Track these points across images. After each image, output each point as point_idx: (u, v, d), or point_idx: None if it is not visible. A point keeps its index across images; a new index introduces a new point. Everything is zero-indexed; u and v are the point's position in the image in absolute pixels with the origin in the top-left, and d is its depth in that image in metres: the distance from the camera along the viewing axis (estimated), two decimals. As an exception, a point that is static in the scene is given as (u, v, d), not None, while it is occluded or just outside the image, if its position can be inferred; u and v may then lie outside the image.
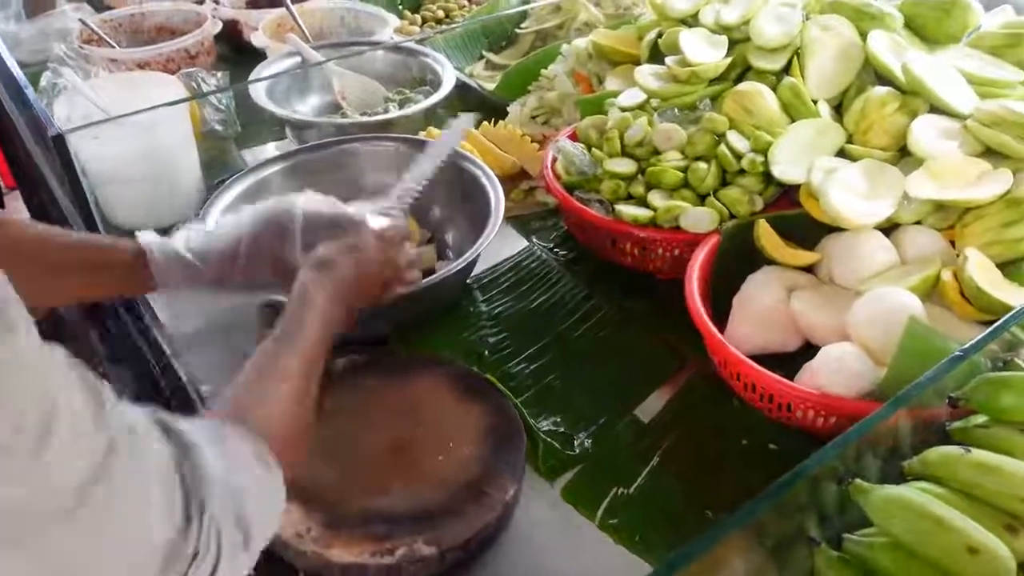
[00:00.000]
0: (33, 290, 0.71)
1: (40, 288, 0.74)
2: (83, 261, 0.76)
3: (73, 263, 0.76)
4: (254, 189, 1.05)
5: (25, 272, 0.70)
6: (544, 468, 0.81)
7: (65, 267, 0.76)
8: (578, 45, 1.31)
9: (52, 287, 0.76)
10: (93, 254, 0.77)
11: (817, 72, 1.04)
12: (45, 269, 0.74)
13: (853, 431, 0.56)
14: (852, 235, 0.87)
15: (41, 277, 0.74)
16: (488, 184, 1.03)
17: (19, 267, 0.69)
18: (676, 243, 0.96)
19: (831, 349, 0.77)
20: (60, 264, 0.75)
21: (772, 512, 0.54)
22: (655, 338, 0.96)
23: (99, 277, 0.78)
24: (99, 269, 0.77)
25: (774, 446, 0.83)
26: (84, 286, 0.80)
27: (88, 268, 0.77)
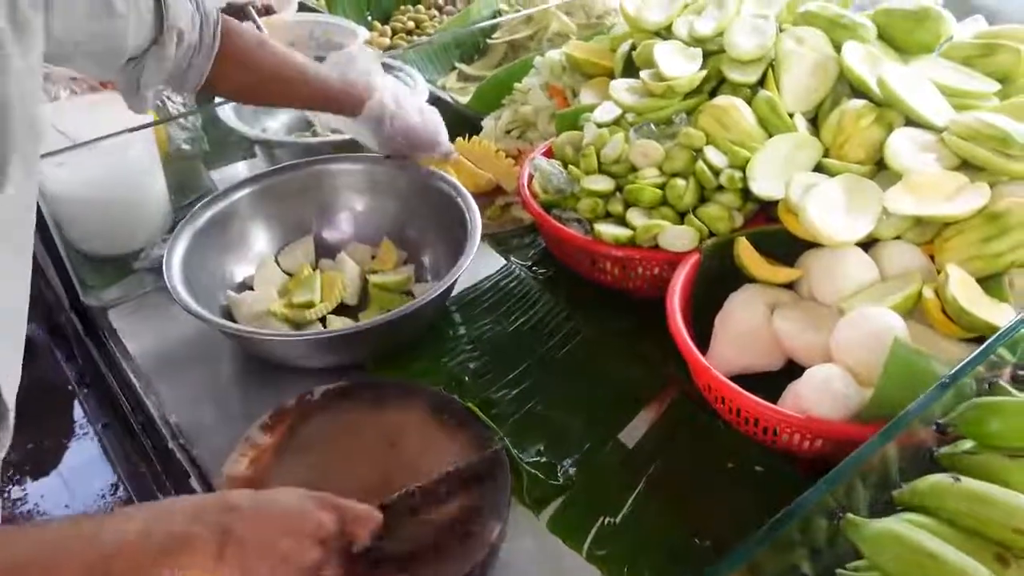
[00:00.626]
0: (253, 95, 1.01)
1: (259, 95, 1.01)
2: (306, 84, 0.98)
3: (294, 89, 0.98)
4: (223, 215, 1.03)
5: (251, 87, 0.97)
6: (529, 499, 0.80)
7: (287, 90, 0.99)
8: (552, 57, 1.30)
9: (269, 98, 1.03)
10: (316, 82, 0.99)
11: (793, 85, 1.03)
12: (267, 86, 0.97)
13: (848, 464, 0.55)
14: (832, 252, 0.86)
15: (263, 88, 0.98)
16: (463, 204, 1.01)
17: (261, 72, 0.95)
18: (656, 262, 0.95)
19: (816, 371, 0.76)
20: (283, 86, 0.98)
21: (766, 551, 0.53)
22: (637, 358, 0.95)
23: (324, 102, 1.02)
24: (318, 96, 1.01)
25: (760, 468, 0.82)
26: (298, 97, 1.01)
27: (320, 94, 1.00)
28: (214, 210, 1.02)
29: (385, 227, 1.09)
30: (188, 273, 0.94)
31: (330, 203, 1.09)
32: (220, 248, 1.02)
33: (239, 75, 0.95)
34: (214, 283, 1.00)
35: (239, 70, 0.94)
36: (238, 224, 1.04)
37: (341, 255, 1.05)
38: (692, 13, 1.16)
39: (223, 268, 1.02)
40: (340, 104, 1.01)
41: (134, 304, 1.07)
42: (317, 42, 1.59)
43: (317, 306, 0.97)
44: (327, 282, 1.01)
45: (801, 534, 0.59)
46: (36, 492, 1.96)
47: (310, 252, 1.08)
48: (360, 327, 0.86)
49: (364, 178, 1.09)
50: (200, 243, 0.99)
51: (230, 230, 1.03)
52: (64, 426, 2.13)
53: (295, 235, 1.08)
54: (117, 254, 1.13)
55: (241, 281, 1.05)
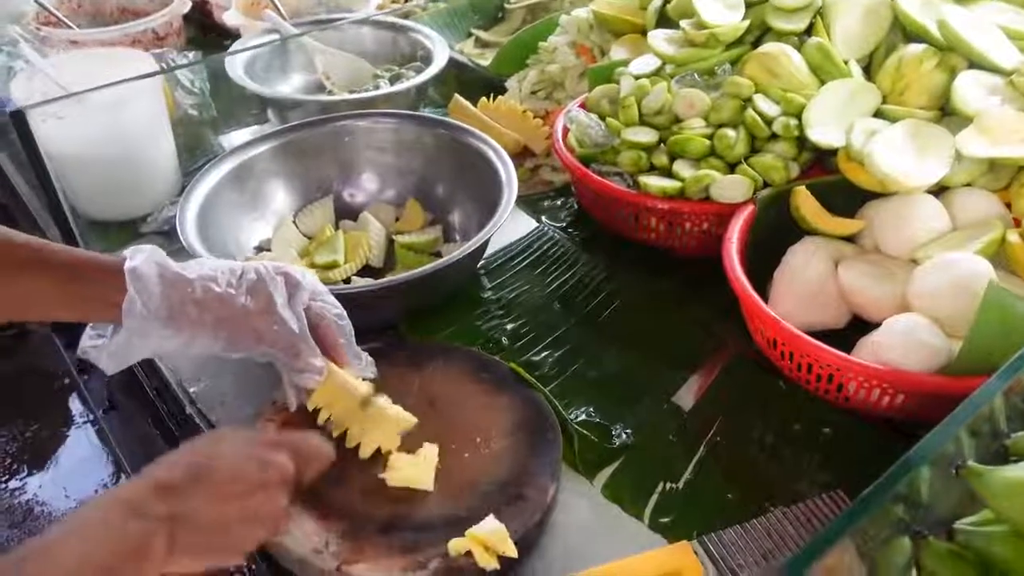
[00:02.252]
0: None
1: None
2: (57, 278, 0.63)
3: (44, 277, 0.62)
4: (237, 172, 0.96)
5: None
6: (581, 463, 0.73)
7: (30, 279, 0.62)
8: (578, 15, 1.23)
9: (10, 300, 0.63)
10: (68, 273, 0.63)
11: (844, 32, 0.97)
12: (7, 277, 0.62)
13: (963, 410, 0.49)
14: (902, 200, 0.80)
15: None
16: (497, 160, 0.94)
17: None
18: (705, 216, 0.89)
19: (897, 322, 0.70)
20: (25, 274, 0.62)
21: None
22: (685, 319, 0.89)
23: (71, 303, 0.64)
24: (74, 297, 0.63)
25: (828, 429, 0.76)
26: (52, 307, 0.64)
27: (63, 292, 0.63)
28: (228, 167, 0.95)
29: (411, 187, 1.02)
30: (203, 234, 0.88)
31: (352, 162, 1.02)
32: (235, 208, 0.95)
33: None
34: (229, 245, 0.93)
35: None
36: (254, 183, 0.97)
37: (364, 215, 0.99)
38: (731, -37, 1.10)
39: (239, 229, 0.95)
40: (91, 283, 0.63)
41: (142, 269, 1.00)
42: (326, 8, 1.53)
43: (341, 267, 0.90)
44: (351, 242, 0.94)
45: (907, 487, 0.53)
46: (34, 482, 1.89)
47: (330, 213, 1.01)
48: (391, 282, 0.80)
49: (389, 135, 1.02)
50: (214, 203, 0.92)
51: (246, 189, 0.96)
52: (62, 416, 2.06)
53: (314, 195, 1.02)
54: (123, 218, 1.06)
55: (257, 244, 0.98)
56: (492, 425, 0.72)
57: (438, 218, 1.02)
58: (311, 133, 1.01)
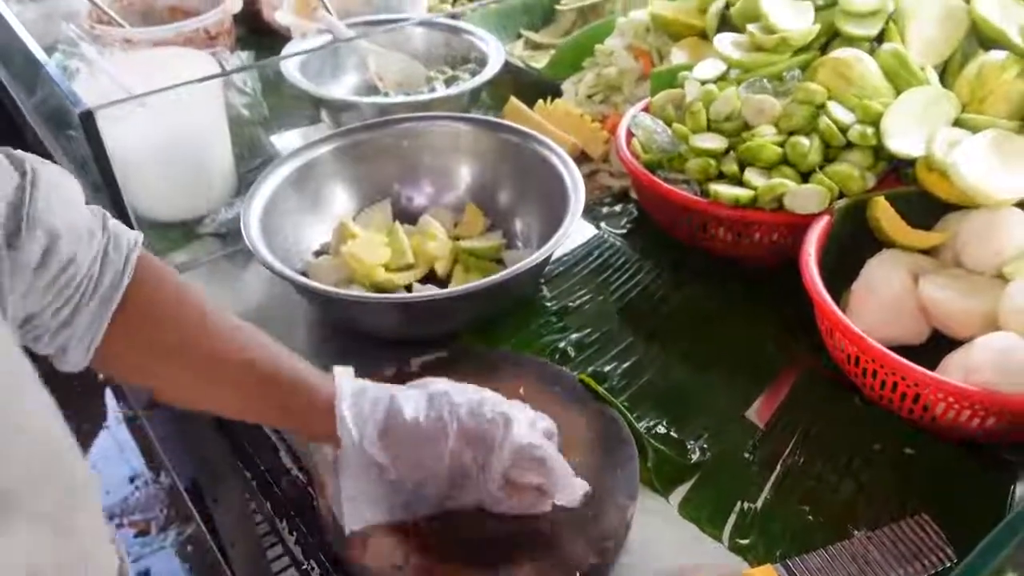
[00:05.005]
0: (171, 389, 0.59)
1: (178, 391, 0.60)
2: (258, 392, 0.60)
3: (241, 384, 0.59)
4: (299, 174, 0.95)
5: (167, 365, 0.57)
6: (658, 480, 0.72)
7: (226, 383, 0.59)
8: (635, 18, 1.21)
9: (199, 394, 0.60)
10: (273, 388, 0.60)
11: (919, 37, 0.94)
12: (197, 371, 0.58)
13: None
14: (989, 213, 0.78)
15: (187, 378, 0.58)
16: (562, 166, 0.93)
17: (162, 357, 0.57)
18: (776, 226, 0.87)
19: (991, 341, 0.68)
20: (221, 378, 0.59)
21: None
22: (755, 332, 0.87)
23: (267, 413, 0.61)
24: (273, 408, 0.60)
25: (910, 450, 0.73)
26: (240, 412, 0.62)
27: (260, 401, 0.60)
28: (290, 169, 0.94)
29: (470, 191, 1.01)
30: (266, 236, 0.87)
31: (412, 165, 1.01)
32: (296, 211, 0.94)
33: (155, 346, 0.58)
34: (290, 248, 0.92)
35: (156, 337, 0.58)
36: (314, 185, 0.96)
37: (425, 218, 0.97)
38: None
39: (299, 232, 0.94)
40: (303, 419, 0.61)
41: (200, 271, 1.00)
42: (376, 8, 1.52)
43: (410, 271, 0.89)
44: (416, 247, 0.93)
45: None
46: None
47: (388, 216, 1.00)
48: (468, 289, 0.78)
49: (450, 139, 1.01)
50: (276, 205, 0.91)
51: (307, 191, 0.95)
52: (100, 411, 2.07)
53: (372, 198, 1.01)
54: (181, 219, 1.05)
55: (318, 248, 0.97)
56: (567, 439, 0.70)
57: (496, 224, 1.00)
58: (372, 135, 1.00)
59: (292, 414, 0.60)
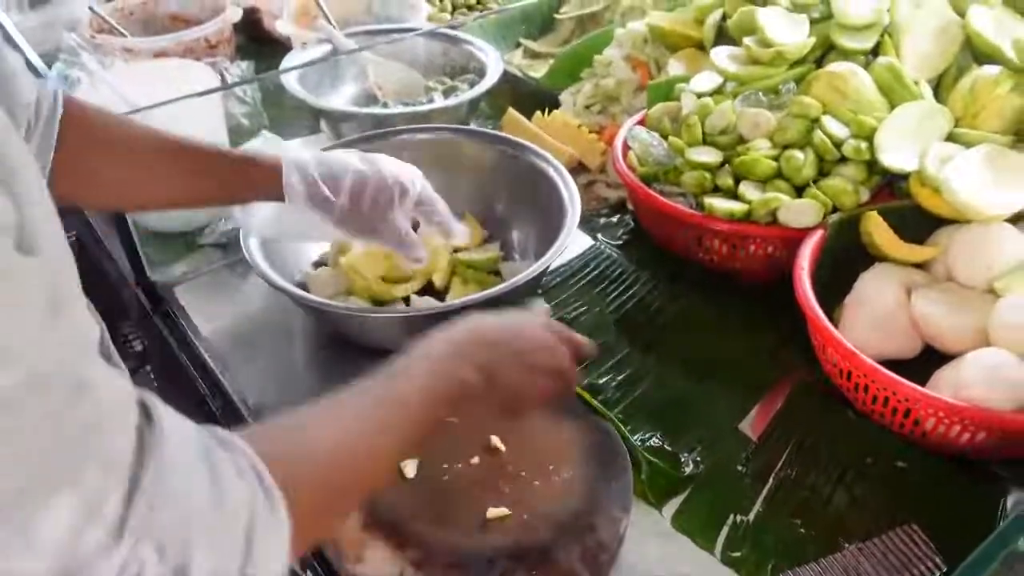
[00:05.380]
0: (123, 189, 0.72)
1: (130, 187, 0.72)
2: (186, 165, 0.73)
3: (173, 164, 0.72)
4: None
5: (114, 166, 0.69)
6: (651, 492, 0.72)
7: (163, 166, 0.72)
8: (633, 29, 1.22)
9: (145, 187, 0.74)
10: (196, 159, 0.73)
11: (914, 51, 0.95)
12: (138, 166, 0.71)
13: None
14: (980, 228, 0.78)
15: (133, 174, 0.71)
16: (558, 178, 0.94)
17: (108, 161, 0.69)
18: (771, 240, 0.88)
19: (981, 357, 0.68)
20: (157, 162, 0.72)
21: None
22: (750, 344, 0.87)
23: (202, 183, 0.74)
24: (202, 175, 0.74)
25: (902, 464, 0.74)
26: (184, 192, 0.76)
27: (190, 172, 0.73)
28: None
29: (468, 202, 1.02)
30: (266, 250, 0.88)
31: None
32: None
33: (98, 161, 0.68)
34: (289, 261, 0.93)
35: (98, 155, 0.68)
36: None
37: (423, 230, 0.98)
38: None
39: (298, 244, 0.95)
40: (251, 180, 0.76)
41: (201, 281, 1.00)
42: (376, 18, 1.53)
43: (408, 283, 0.90)
44: None
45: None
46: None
47: None
48: (466, 302, 0.79)
49: (448, 150, 1.01)
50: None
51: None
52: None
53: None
54: (181, 230, 1.06)
55: (316, 260, 0.98)
56: (561, 452, 0.71)
57: (494, 235, 1.01)
58: (370, 147, 1.00)
59: (236, 180, 0.76)
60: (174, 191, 0.75)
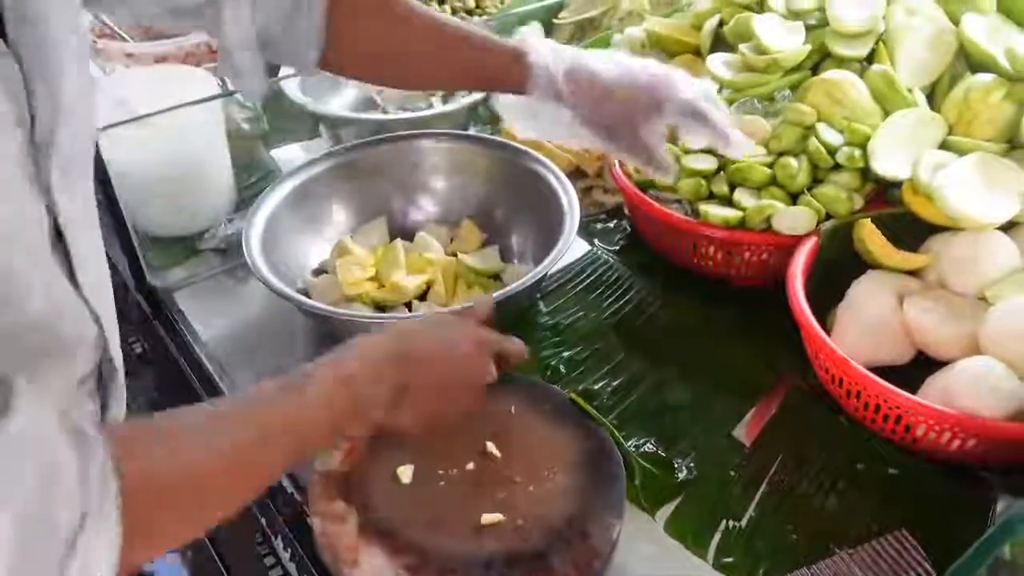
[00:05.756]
0: (413, 70, 0.78)
1: (418, 69, 0.78)
2: (465, 55, 0.77)
3: (455, 53, 0.76)
4: (297, 193, 0.96)
5: (410, 47, 0.75)
6: (644, 498, 0.73)
7: (447, 54, 0.76)
8: (631, 35, 1.23)
9: (431, 70, 0.79)
10: (475, 52, 0.76)
11: (908, 59, 0.96)
12: (428, 51, 0.75)
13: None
14: (971, 236, 0.79)
15: (424, 58, 0.76)
16: (558, 185, 0.94)
17: (407, 40, 0.74)
18: (765, 247, 0.88)
19: (970, 366, 0.69)
20: (442, 50, 0.76)
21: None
22: (745, 350, 0.88)
23: (473, 71, 0.78)
24: (476, 66, 0.77)
25: (894, 470, 0.75)
26: (457, 76, 0.82)
27: (466, 63, 0.77)
28: (289, 188, 0.96)
29: (467, 207, 1.03)
30: (267, 255, 0.88)
31: (410, 182, 1.03)
32: (296, 229, 0.96)
33: (372, 42, 0.73)
34: (291, 266, 0.94)
35: (372, 36, 0.73)
36: (313, 203, 0.98)
37: (422, 235, 0.99)
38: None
39: (299, 249, 0.96)
40: (503, 75, 0.77)
41: (200, 286, 1.01)
42: (375, 21, 1.53)
43: (411, 287, 0.91)
44: (414, 263, 0.94)
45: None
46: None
47: (384, 233, 1.02)
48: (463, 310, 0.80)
49: (448, 156, 1.02)
50: (276, 224, 0.93)
51: (305, 209, 0.97)
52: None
53: (371, 215, 1.02)
54: (180, 234, 1.07)
55: (317, 267, 0.98)
56: (556, 458, 0.72)
57: (492, 239, 1.02)
58: (369, 152, 1.02)
59: (486, 70, 0.77)
60: (429, 78, 0.83)
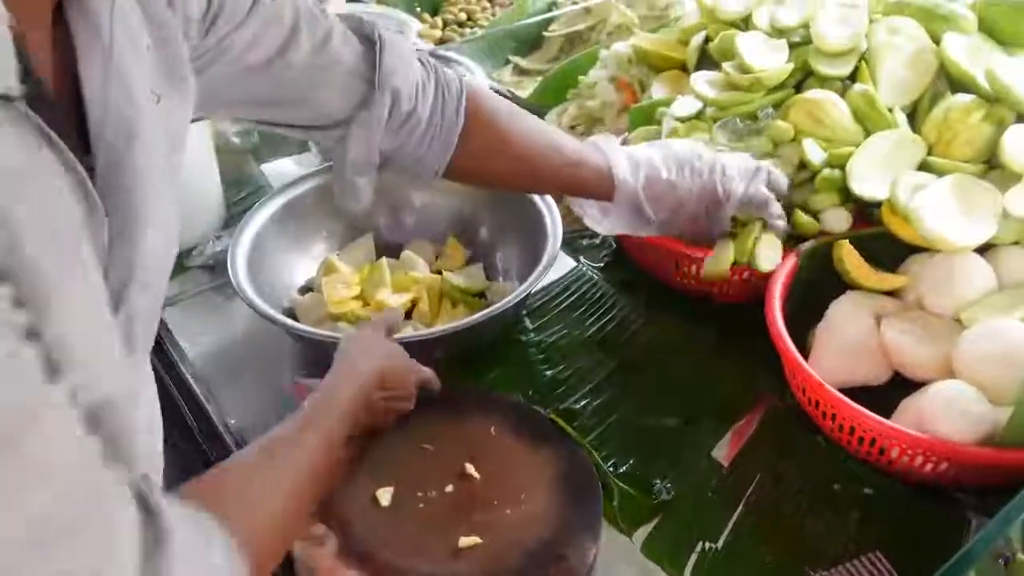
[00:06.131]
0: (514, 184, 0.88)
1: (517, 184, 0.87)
2: (564, 173, 0.82)
3: (553, 171, 0.82)
4: (283, 212, 0.97)
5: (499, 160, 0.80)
6: (621, 519, 0.74)
7: (546, 174, 0.82)
8: (618, 50, 1.24)
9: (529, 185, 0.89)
10: (572, 169, 0.82)
11: (889, 78, 0.97)
12: (528, 169, 0.82)
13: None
14: (947, 258, 0.80)
15: (524, 177, 0.83)
16: (542, 204, 0.95)
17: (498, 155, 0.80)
18: (746, 266, 0.89)
19: (942, 389, 0.70)
20: (541, 170, 0.82)
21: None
22: (726, 368, 0.89)
23: (569, 186, 0.85)
24: (573, 183, 0.84)
25: (869, 490, 0.75)
26: (551, 187, 0.90)
27: (565, 180, 0.83)
28: (274, 207, 0.97)
29: (451, 225, 1.04)
30: (252, 274, 0.90)
31: (394, 199, 1.04)
32: (281, 248, 0.97)
33: (487, 160, 0.80)
34: (277, 287, 0.95)
35: (487, 154, 0.79)
36: (298, 222, 0.99)
37: (407, 254, 1.00)
38: (773, 3, 1.10)
39: (285, 269, 0.97)
40: (592, 187, 0.84)
41: (189, 302, 1.02)
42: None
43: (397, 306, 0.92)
44: (399, 281, 0.95)
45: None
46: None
47: (371, 251, 1.02)
48: (447, 330, 0.81)
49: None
50: (262, 244, 0.94)
51: (291, 228, 0.98)
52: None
53: (357, 233, 1.03)
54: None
55: (304, 284, 0.99)
56: (535, 480, 0.73)
57: (476, 257, 1.03)
58: None
59: (583, 186, 0.84)
60: (528, 186, 0.91)
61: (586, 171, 0.82)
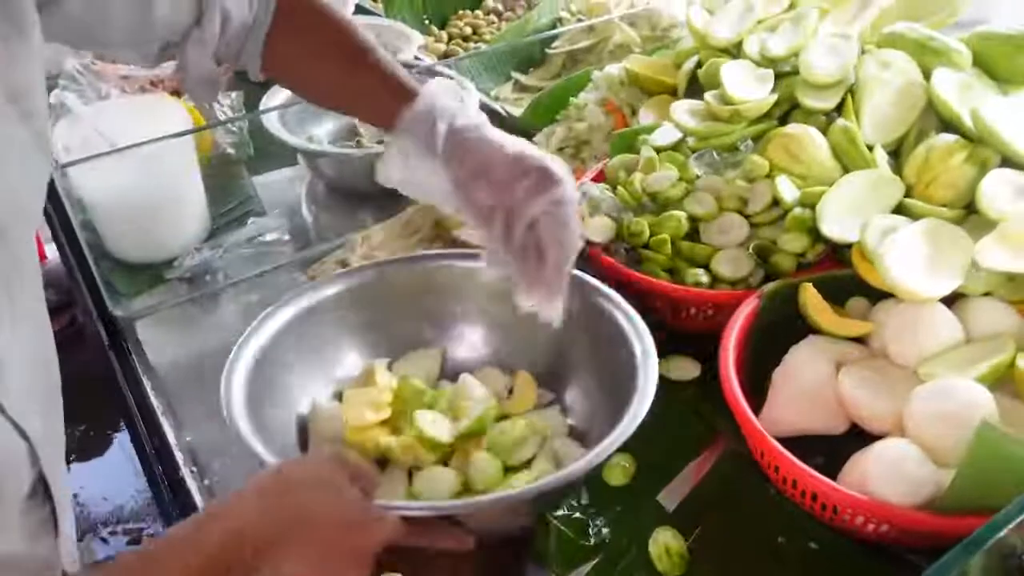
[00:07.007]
0: (311, 73, 0.79)
1: (316, 76, 0.79)
2: (364, 80, 0.76)
3: (356, 74, 0.77)
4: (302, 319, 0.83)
5: (319, 53, 0.77)
6: (557, 562, 0.73)
7: (350, 69, 0.77)
8: (610, 72, 1.22)
9: (326, 80, 0.80)
10: (375, 79, 0.76)
11: (874, 114, 0.94)
12: (332, 62, 0.77)
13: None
14: (913, 307, 0.76)
15: (327, 67, 0.78)
16: (632, 332, 0.78)
17: (318, 46, 0.77)
18: (707, 304, 0.87)
19: (887, 449, 0.67)
20: (346, 67, 0.77)
21: None
22: (685, 405, 0.87)
23: (361, 100, 0.79)
24: (367, 94, 0.77)
25: (815, 545, 0.73)
26: (343, 96, 0.81)
27: (360, 90, 0.78)
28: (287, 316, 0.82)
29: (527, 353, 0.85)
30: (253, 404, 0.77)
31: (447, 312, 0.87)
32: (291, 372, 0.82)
33: (294, 46, 0.77)
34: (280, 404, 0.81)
35: (294, 40, 0.77)
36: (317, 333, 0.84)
37: (467, 377, 0.82)
38: (766, 30, 1.08)
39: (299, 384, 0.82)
40: (384, 102, 0.74)
41: (166, 314, 1.03)
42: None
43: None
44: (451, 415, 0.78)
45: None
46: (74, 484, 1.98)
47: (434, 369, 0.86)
48: (504, 498, 0.68)
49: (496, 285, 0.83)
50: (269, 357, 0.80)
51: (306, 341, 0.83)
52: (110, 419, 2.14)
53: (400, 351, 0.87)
54: (150, 261, 1.10)
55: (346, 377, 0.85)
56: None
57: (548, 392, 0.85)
58: (397, 272, 0.87)
59: (381, 108, 0.75)
60: (340, 101, 0.83)
61: (394, 81, 0.75)
